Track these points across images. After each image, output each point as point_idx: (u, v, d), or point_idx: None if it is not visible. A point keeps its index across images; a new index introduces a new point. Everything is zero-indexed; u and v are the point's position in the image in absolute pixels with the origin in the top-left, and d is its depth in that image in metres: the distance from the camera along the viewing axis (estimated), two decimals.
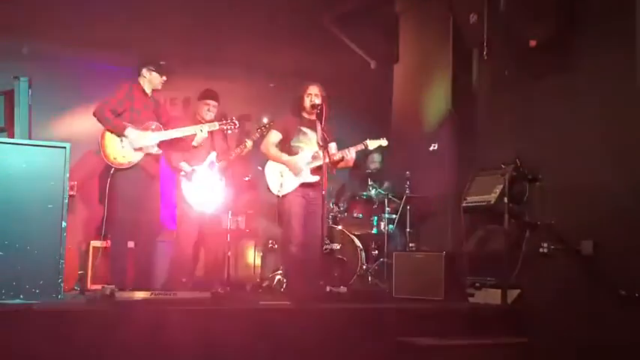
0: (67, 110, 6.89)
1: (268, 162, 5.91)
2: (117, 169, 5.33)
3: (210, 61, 7.67)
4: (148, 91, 5.56)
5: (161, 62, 5.53)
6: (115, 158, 5.29)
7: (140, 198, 5.36)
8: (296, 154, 5.79)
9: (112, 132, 5.30)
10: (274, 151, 5.87)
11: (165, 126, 5.59)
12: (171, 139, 5.60)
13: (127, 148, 5.32)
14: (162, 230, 6.26)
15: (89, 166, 6.13)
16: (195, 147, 5.85)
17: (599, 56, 5.47)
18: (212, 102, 6.19)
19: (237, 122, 5.95)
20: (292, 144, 5.82)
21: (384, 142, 6.00)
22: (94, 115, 5.33)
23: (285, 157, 5.82)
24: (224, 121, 5.90)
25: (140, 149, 5.34)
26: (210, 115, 6.17)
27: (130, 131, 5.31)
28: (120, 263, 5.36)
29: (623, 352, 4.87)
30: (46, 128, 6.81)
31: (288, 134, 5.84)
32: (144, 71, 5.50)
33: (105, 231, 5.68)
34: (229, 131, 6.02)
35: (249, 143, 6.41)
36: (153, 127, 5.43)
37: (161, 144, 5.54)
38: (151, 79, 5.52)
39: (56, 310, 4.20)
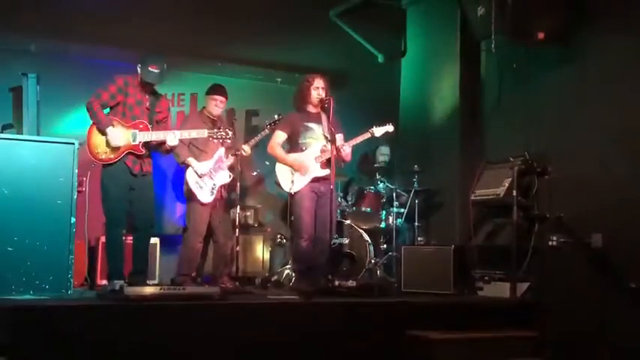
0: (76, 106, 6.89)
1: None
2: (102, 165, 5.29)
3: (218, 56, 7.66)
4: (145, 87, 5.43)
5: (150, 68, 5.30)
6: (97, 152, 5.21)
7: (124, 195, 5.30)
8: (304, 150, 5.80)
9: (95, 127, 5.27)
10: (280, 152, 5.89)
11: (161, 124, 5.52)
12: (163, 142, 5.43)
13: (109, 144, 5.25)
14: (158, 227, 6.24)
15: (97, 162, 6.12)
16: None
17: (608, 47, 5.44)
18: (220, 97, 6.15)
19: (229, 132, 5.67)
20: (300, 141, 5.82)
21: (390, 128, 5.97)
22: (86, 107, 5.28)
23: (290, 158, 5.82)
24: (216, 131, 5.63)
25: (119, 148, 5.24)
26: (217, 111, 6.15)
27: (111, 130, 5.19)
28: (113, 258, 5.33)
29: (633, 344, 4.86)
30: (55, 125, 6.82)
31: (294, 132, 5.84)
32: (138, 68, 5.41)
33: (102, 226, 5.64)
34: (221, 140, 5.76)
35: (246, 149, 6.32)
36: (140, 126, 5.32)
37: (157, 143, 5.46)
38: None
39: (66, 305, 4.23)
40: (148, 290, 4.37)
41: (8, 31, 6.62)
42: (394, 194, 6.99)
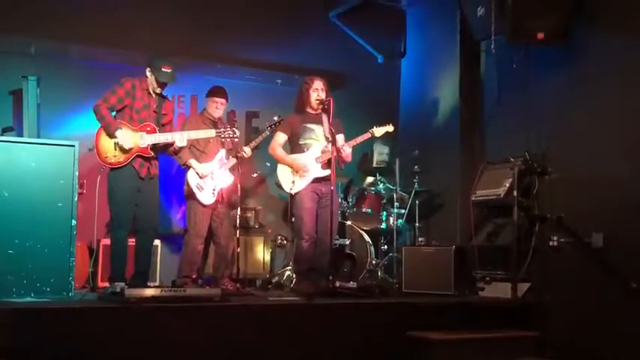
0: (76, 109, 6.90)
1: None
2: (110, 168, 5.29)
3: (218, 58, 7.67)
4: (152, 90, 5.46)
5: (163, 69, 5.33)
6: (106, 156, 5.22)
7: (131, 198, 5.30)
8: (305, 152, 5.81)
9: (104, 131, 5.26)
10: (280, 153, 5.91)
11: (166, 126, 5.53)
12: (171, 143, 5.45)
13: (118, 148, 5.25)
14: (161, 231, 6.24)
15: (99, 164, 6.14)
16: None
17: (608, 46, 5.44)
18: (220, 99, 6.15)
19: (236, 130, 5.75)
20: (300, 142, 5.84)
21: (390, 128, 6.00)
22: (93, 110, 5.29)
23: (289, 158, 5.85)
24: (223, 130, 5.71)
25: (131, 150, 5.27)
26: (218, 113, 6.16)
27: (121, 133, 5.20)
28: (117, 261, 5.32)
29: (633, 344, 4.85)
30: (55, 127, 6.82)
31: (294, 133, 5.86)
32: (147, 71, 5.43)
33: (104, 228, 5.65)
34: (228, 139, 5.84)
35: (247, 151, 6.30)
36: (148, 129, 5.32)
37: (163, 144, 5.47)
38: (151, 81, 5.45)
39: (67, 307, 4.23)
40: (149, 292, 4.37)
41: (8, 34, 6.62)
42: (394, 195, 6.99)
